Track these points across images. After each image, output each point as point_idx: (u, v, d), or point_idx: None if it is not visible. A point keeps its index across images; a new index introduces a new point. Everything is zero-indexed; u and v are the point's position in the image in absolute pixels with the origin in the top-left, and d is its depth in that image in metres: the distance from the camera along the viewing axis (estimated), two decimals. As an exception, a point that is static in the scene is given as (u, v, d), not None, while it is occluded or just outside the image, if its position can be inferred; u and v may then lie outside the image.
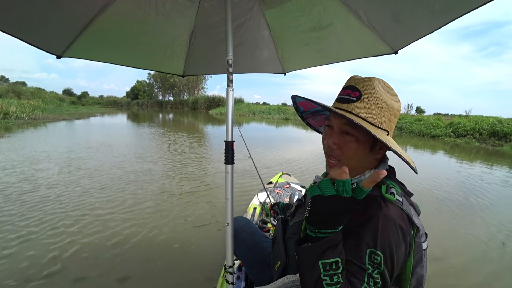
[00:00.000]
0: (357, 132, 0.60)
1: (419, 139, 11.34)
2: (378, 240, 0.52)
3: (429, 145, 9.65)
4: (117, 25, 1.17)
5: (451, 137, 11.38)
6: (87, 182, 3.53)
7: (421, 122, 13.48)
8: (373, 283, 0.51)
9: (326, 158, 0.67)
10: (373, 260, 0.52)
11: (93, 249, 2.01)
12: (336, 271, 0.49)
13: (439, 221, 2.84)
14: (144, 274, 1.77)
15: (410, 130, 13.06)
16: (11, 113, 12.08)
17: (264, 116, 22.10)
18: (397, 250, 0.53)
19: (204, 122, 15.46)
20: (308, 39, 1.34)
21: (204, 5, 1.19)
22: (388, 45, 1.15)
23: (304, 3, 1.11)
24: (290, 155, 5.94)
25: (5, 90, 26.69)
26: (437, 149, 8.62)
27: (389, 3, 0.94)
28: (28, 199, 2.87)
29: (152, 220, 2.51)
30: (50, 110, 17.40)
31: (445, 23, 0.87)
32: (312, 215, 0.52)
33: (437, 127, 12.41)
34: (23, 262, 1.81)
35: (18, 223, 2.35)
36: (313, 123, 0.86)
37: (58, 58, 1.20)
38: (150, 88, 59.54)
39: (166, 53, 1.46)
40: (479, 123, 11.40)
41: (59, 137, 7.62)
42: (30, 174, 3.79)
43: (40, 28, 1.02)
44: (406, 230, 0.55)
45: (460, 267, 2.00)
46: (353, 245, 0.54)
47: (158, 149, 6.16)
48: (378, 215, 0.54)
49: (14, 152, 5.14)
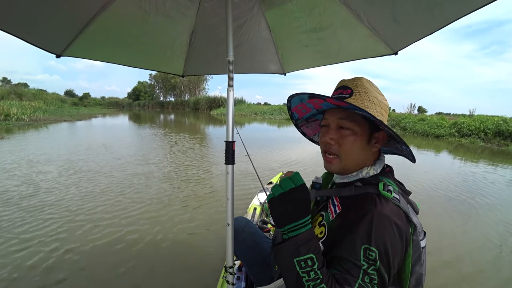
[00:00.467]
0: (353, 125, 0.62)
1: (423, 139, 11.28)
2: (373, 236, 0.53)
3: (433, 145, 9.60)
4: (117, 25, 1.18)
5: (455, 137, 11.31)
6: (85, 185, 3.54)
7: (425, 121, 13.40)
8: (368, 280, 0.52)
9: (323, 155, 0.68)
10: (368, 256, 0.52)
11: (91, 251, 2.02)
12: (312, 267, 0.52)
13: (445, 222, 2.82)
14: (144, 273, 1.78)
15: (413, 130, 12.99)
16: (12, 115, 12.16)
17: (266, 116, 22.10)
18: (393, 246, 0.53)
19: (205, 123, 15.50)
20: (308, 40, 1.35)
21: (204, 5, 1.20)
22: (388, 46, 1.16)
23: (304, 4, 1.12)
24: (294, 156, 5.94)
25: (7, 91, 26.81)
26: (441, 149, 8.58)
27: (389, 4, 0.95)
28: (25, 204, 2.89)
29: (153, 219, 2.52)
30: (51, 112, 17.47)
31: (445, 24, 0.87)
32: (274, 216, 0.58)
33: (441, 126, 12.33)
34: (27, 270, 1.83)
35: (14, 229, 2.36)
36: (307, 131, 0.88)
37: (57, 57, 1.21)
38: (151, 89, 59.80)
39: (166, 53, 1.47)
40: (483, 122, 11.32)
41: (59, 139, 7.66)
42: (29, 177, 3.79)
43: (40, 27, 1.03)
44: (402, 227, 0.55)
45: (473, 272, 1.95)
46: (348, 242, 0.55)
47: (160, 151, 6.19)
48: (373, 212, 0.55)
49: (13, 154, 5.18)
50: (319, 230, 0.66)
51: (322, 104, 0.68)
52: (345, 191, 0.65)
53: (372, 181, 0.63)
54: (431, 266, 1.88)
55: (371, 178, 0.64)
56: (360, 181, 0.65)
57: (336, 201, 0.66)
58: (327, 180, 0.81)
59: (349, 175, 0.67)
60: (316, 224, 0.69)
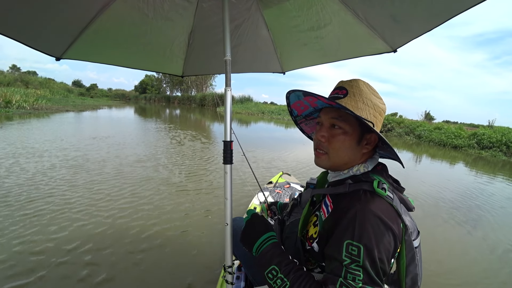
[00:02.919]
0: (344, 125, 0.66)
1: (439, 149, 11.04)
2: (356, 231, 0.54)
3: (450, 155, 9.38)
4: (115, 26, 1.21)
5: (475, 149, 11.02)
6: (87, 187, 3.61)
7: (441, 130, 13.14)
8: (351, 278, 0.52)
9: (314, 151, 0.72)
10: (350, 252, 0.53)
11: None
12: (277, 275, 0.60)
13: (463, 239, 2.75)
14: (142, 273, 1.81)
15: (429, 139, 12.74)
16: (14, 102, 12.24)
17: (274, 116, 22.04)
18: (378, 242, 0.53)
19: (211, 119, 15.60)
20: (307, 39, 1.38)
21: (202, 6, 1.23)
22: (387, 44, 1.18)
23: (301, 3, 1.14)
24: (302, 156, 5.94)
25: (14, 78, 27.63)
26: (458, 160, 8.38)
27: (387, 2, 0.96)
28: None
29: (153, 218, 2.57)
30: (55, 101, 17.84)
31: (443, 21, 0.89)
32: (245, 245, 0.75)
33: (459, 137, 12.06)
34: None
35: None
36: (306, 129, 0.91)
37: (57, 60, 1.25)
38: (159, 83, 60.62)
39: (165, 53, 1.50)
40: (505, 134, 11.00)
41: (54, 129, 7.75)
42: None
43: (39, 31, 1.06)
44: (389, 223, 0.56)
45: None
46: (334, 239, 0.57)
47: (164, 148, 6.27)
48: (356, 208, 0.57)
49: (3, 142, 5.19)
50: (314, 230, 0.68)
51: (317, 102, 0.72)
52: (339, 189, 0.66)
53: (363, 178, 0.65)
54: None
55: (362, 175, 0.66)
56: (351, 179, 0.67)
57: (328, 200, 0.68)
58: (322, 180, 0.83)
59: (341, 173, 0.70)
60: (311, 225, 0.71)
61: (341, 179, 0.69)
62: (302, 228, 0.74)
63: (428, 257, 2.15)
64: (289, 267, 0.59)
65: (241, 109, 25.52)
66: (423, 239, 0.77)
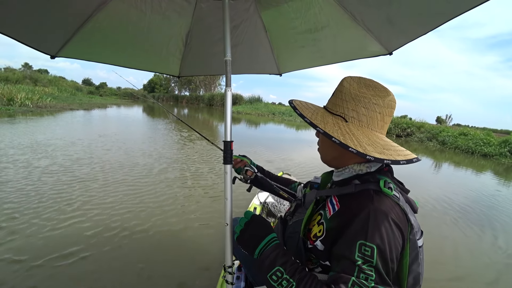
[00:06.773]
0: (321, 135, 0.74)
1: (466, 157, 10.63)
2: (369, 232, 0.56)
3: (479, 164, 8.99)
4: (112, 25, 1.25)
5: (507, 158, 10.52)
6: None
7: (467, 136, 12.68)
8: (364, 277, 0.54)
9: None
10: (363, 252, 0.55)
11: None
12: (282, 276, 0.61)
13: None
14: (141, 273, 1.88)
15: (455, 146, 12.30)
16: (17, 100, 12.34)
17: (285, 118, 21.89)
18: (390, 243, 0.56)
19: (218, 120, 15.74)
20: (304, 41, 1.42)
21: (200, 6, 1.27)
22: (383, 46, 1.23)
23: (299, 5, 1.19)
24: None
25: (23, 76, 28.64)
26: (487, 170, 8.00)
27: (383, 5, 1.00)
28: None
29: (153, 217, 2.65)
30: (62, 99, 17.99)
31: (439, 24, 0.92)
32: (244, 248, 0.74)
33: (488, 144, 11.57)
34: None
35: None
36: None
37: (52, 58, 1.27)
38: (167, 82, 61.70)
39: (161, 53, 1.55)
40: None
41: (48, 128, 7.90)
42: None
43: (34, 28, 1.09)
44: (400, 224, 0.59)
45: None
46: (344, 238, 0.59)
47: (169, 147, 6.41)
48: (369, 208, 0.59)
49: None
50: (318, 229, 0.70)
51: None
52: (345, 189, 0.69)
53: (370, 178, 0.67)
54: None
55: (368, 175, 0.68)
56: (358, 179, 0.70)
57: (334, 199, 0.71)
58: (326, 179, 0.87)
59: (343, 172, 0.73)
60: (315, 223, 0.73)
61: (345, 179, 0.72)
62: (304, 227, 0.76)
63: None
64: (294, 268, 0.61)
65: (250, 110, 25.56)
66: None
